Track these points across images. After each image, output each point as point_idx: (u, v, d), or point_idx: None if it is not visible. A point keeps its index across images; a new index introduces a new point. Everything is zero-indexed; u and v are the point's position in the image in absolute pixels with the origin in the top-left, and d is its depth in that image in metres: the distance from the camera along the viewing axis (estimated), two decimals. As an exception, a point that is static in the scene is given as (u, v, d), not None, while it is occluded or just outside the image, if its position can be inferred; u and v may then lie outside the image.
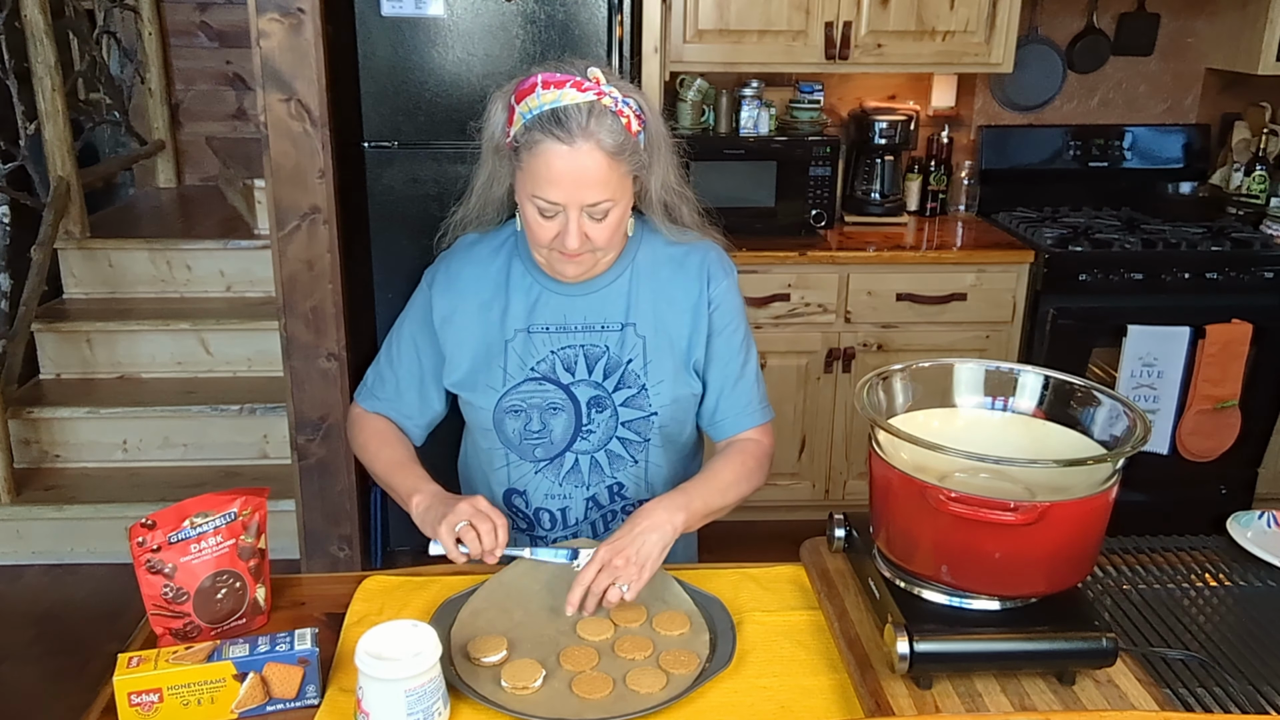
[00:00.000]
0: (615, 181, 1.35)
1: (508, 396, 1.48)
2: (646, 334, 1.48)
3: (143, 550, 1.22)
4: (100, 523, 3.13)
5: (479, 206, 1.52)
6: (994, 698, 1.13)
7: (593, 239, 1.37)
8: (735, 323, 1.53)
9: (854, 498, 3.25)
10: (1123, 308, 3.01)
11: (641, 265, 1.50)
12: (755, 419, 1.54)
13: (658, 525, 1.32)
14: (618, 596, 1.27)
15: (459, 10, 2.58)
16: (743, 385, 1.54)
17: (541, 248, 1.40)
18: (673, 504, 1.36)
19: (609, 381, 1.48)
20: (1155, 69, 3.52)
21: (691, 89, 3.26)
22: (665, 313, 1.49)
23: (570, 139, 1.30)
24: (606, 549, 1.29)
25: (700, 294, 1.49)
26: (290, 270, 2.43)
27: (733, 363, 1.53)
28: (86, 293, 3.68)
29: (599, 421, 1.49)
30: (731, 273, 1.53)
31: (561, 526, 1.56)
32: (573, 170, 1.31)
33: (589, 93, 1.32)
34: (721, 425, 1.54)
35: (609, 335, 1.48)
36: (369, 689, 1.08)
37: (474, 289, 1.50)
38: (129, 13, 4.24)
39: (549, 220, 1.36)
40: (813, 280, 3.05)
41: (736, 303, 1.53)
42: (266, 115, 2.34)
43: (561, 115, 1.30)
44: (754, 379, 1.56)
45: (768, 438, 1.55)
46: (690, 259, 1.51)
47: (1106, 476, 1.13)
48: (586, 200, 1.33)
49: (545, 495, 1.54)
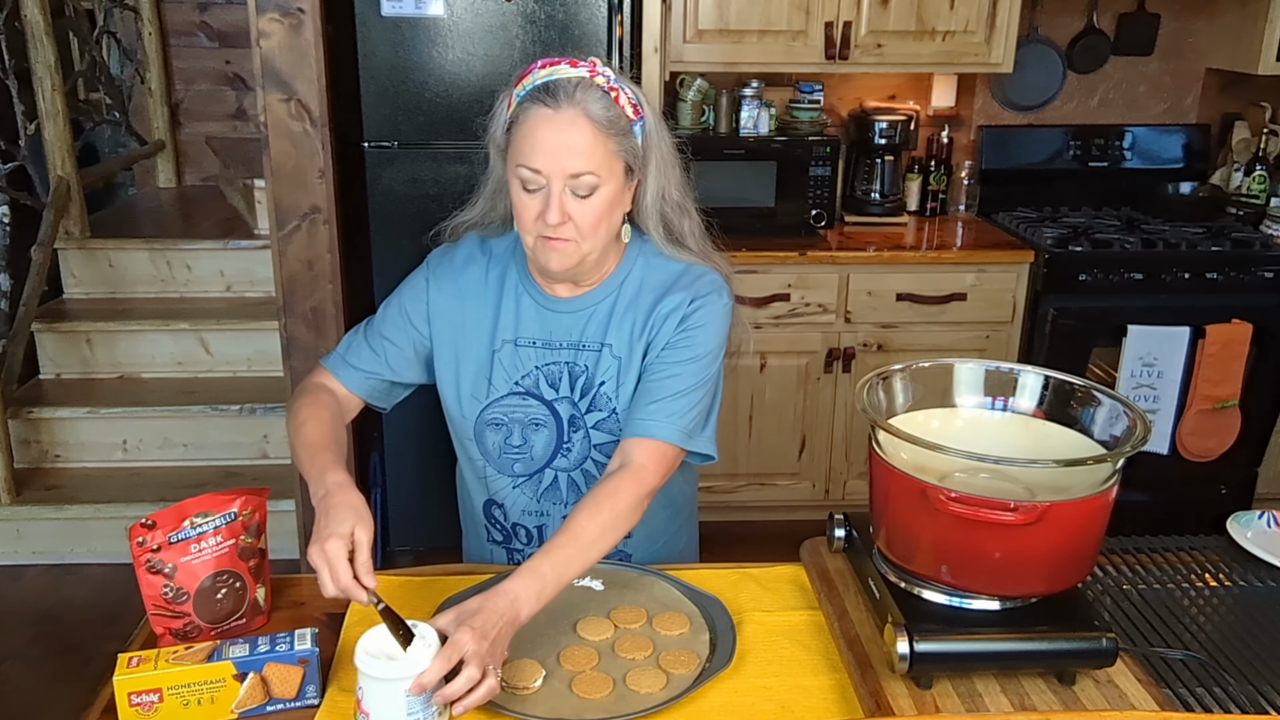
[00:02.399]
0: (601, 156, 1.31)
1: (490, 409, 1.46)
2: (621, 356, 1.44)
3: (143, 550, 1.22)
4: (100, 523, 3.13)
5: (483, 213, 1.49)
6: (994, 698, 1.13)
7: (576, 221, 1.32)
8: (701, 338, 1.40)
9: (854, 498, 3.25)
10: (1123, 308, 3.01)
11: (629, 288, 1.45)
12: (657, 431, 1.36)
13: (509, 616, 1.14)
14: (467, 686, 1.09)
15: (459, 10, 2.58)
16: (669, 394, 1.38)
17: (527, 233, 1.36)
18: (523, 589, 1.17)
19: (583, 402, 1.45)
20: (1155, 69, 3.52)
21: (691, 89, 3.26)
22: (640, 338, 1.42)
23: (556, 104, 1.30)
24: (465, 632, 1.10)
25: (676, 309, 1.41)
26: (290, 270, 2.43)
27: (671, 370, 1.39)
28: (86, 293, 3.68)
29: (575, 441, 1.46)
30: (721, 296, 1.43)
31: (538, 543, 1.52)
32: (556, 135, 1.29)
33: (582, 69, 1.33)
34: (628, 424, 1.39)
35: (589, 355, 1.44)
36: (369, 689, 1.08)
37: (472, 291, 1.48)
38: (129, 13, 4.24)
39: (533, 195, 1.33)
40: (813, 280, 3.05)
41: (713, 323, 1.41)
42: (266, 115, 2.34)
43: (552, 86, 1.31)
44: (687, 399, 1.38)
45: (656, 466, 1.35)
46: (679, 284, 1.43)
47: (1106, 476, 1.13)
48: (569, 168, 1.30)
49: (522, 511, 1.52)
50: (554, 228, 1.32)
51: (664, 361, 1.40)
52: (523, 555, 1.54)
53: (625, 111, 1.34)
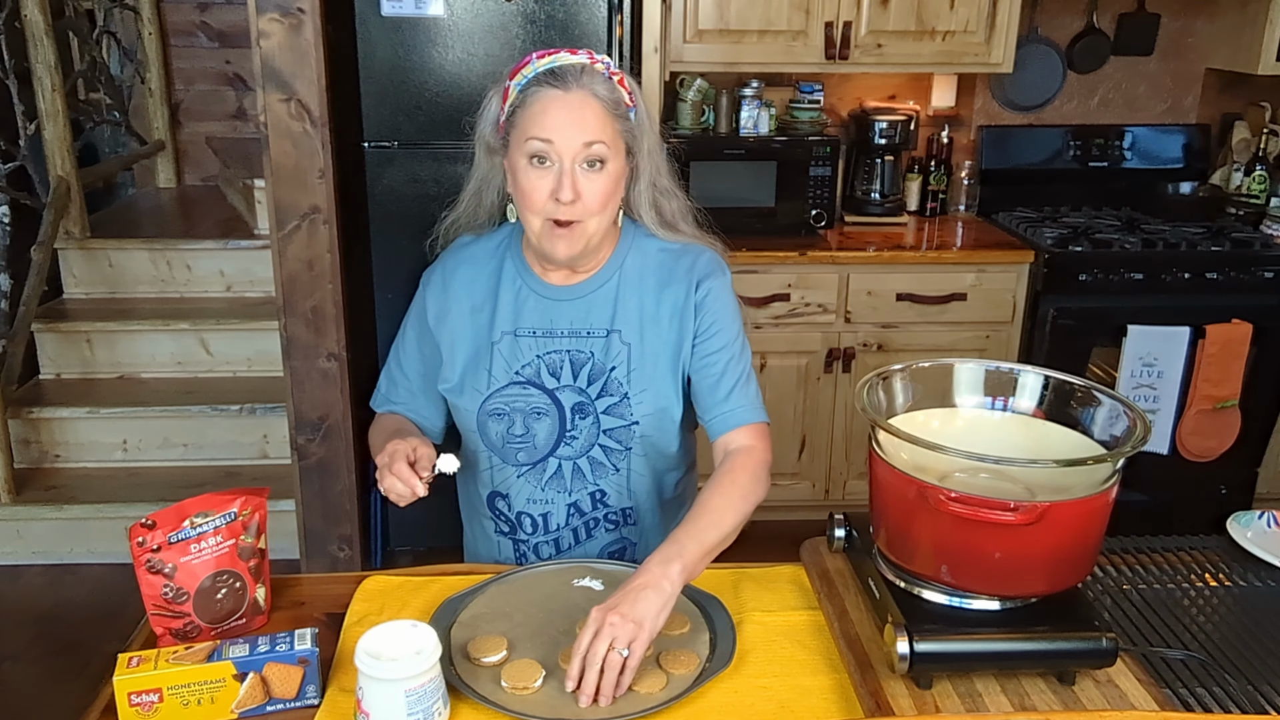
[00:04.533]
0: (610, 133, 1.36)
1: (491, 399, 1.47)
2: (631, 341, 1.46)
3: (143, 550, 1.22)
4: (100, 523, 3.13)
5: (470, 211, 1.53)
6: (994, 698, 1.13)
7: (584, 197, 1.35)
8: (724, 321, 1.47)
9: (854, 498, 3.25)
10: (1123, 308, 3.01)
11: (629, 271, 1.48)
12: (747, 417, 1.47)
13: (652, 581, 1.21)
14: (619, 662, 1.14)
15: (459, 10, 2.58)
16: (732, 383, 1.47)
17: (535, 215, 1.38)
18: (664, 556, 1.25)
19: (592, 388, 1.47)
20: (1155, 69, 3.52)
21: (691, 89, 3.26)
22: (651, 321, 1.47)
23: (565, 86, 1.35)
24: (598, 610, 1.18)
25: (687, 298, 1.46)
26: (290, 270, 2.43)
27: (719, 360, 1.47)
28: (86, 293, 3.68)
29: (582, 428, 1.47)
30: (724, 273, 1.49)
31: (543, 531, 1.54)
32: (568, 111, 1.34)
33: (581, 56, 1.38)
34: (713, 424, 1.48)
35: (594, 341, 1.47)
36: (369, 689, 1.08)
37: (467, 292, 1.50)
38: (129, 13, 4.24)
39: (543, 171, 1.35)
40: (813, 280, 3.05)
41: (727, 302, 1.48)
42: (266, 115, 2.34)
43: (559, 71, 1.36)
44: (744, 379, 1.49)
45: (763, 442, 1.47)
46: (680, 263, 1.48)
47: (1106, 476, 1.13)
48: (583, 137, 1.34)
49: (527, 500, 1.53)
50: (565, 207, 1.35)
51: (707, 355, 1.47)
52: (529, 545, 1.56)
53: (624, 97, 1.39)
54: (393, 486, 1.33)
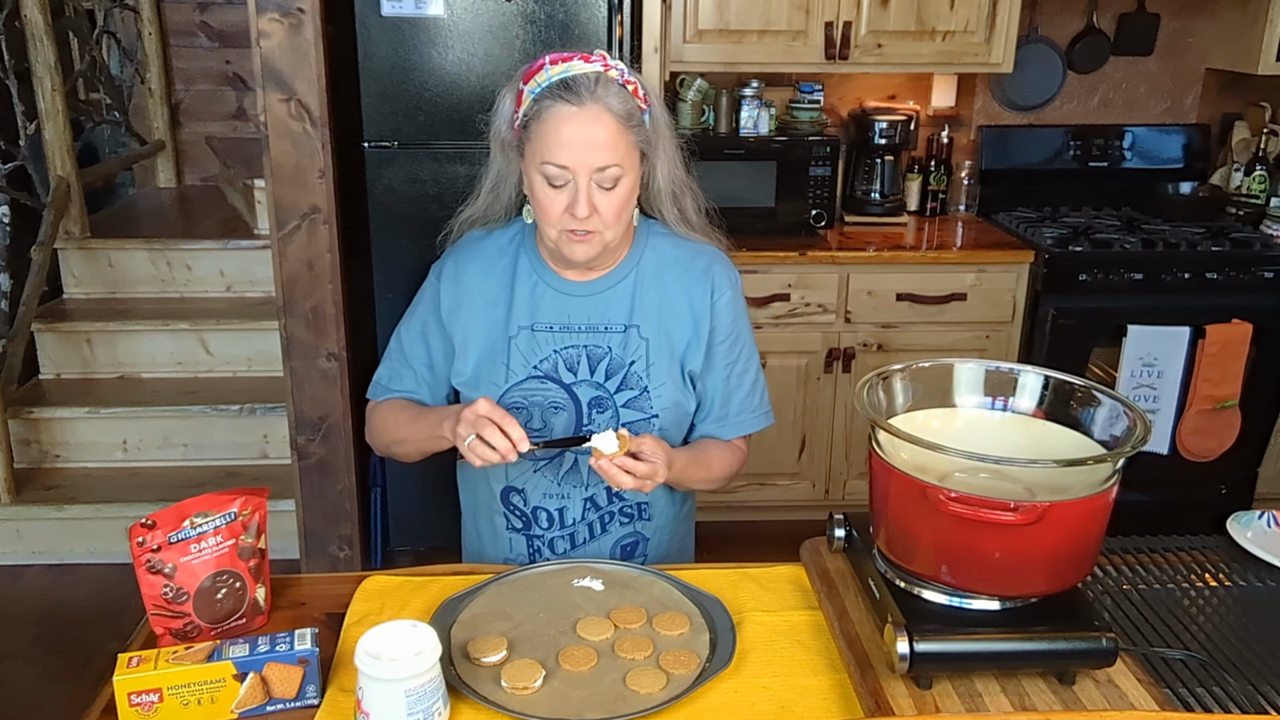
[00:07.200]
0: (624, 149, 1.37)
1: (510, 393, 1.48)
2: (650, 336, 1.49)
3: (143, 550, 1.22)
4: (100, 523, 3.13)
5: (486, 206, 1.53)
6: (994, 698, 1.13)
7: (601, 212, 1.37)
8: (736, 330, 1.55)
9: (854, 498, 3.25)
10: (1123, 308, 3.01)
11: (646, 268, 1.51)
12: (752, 425, 1.58)
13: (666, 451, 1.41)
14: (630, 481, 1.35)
15: (459, 10, 2.58)
16: (742, 391, 1.56)
17: (552, 226, 1.40)
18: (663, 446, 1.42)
19: (611, 382, 1.48)
20: (1155, 69, 3.53)
21: (691, 89, 3.26)
22: (668, 317, 1.50)
23: (579, 101, 1.34)
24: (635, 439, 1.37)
25: (704, 303, 1.51)
26: (290, 270, 2.43)
27: (732, 368, 1.55)
28: (86, 293, 3.68)
29: (600, 422, 1.49)
30: (735, 283, 1.55)
31: (559, 526, 1.55)
32: (582, 131, 1.34)
33: (596, 63, 1.37)
34: (722, 431, 1.56)
35: (612, 336, 1.49)
36: (369, 689, 1.08)
37: (481, 285, 1.51)
38: (129, 13, 4.24)
39: (558, 190, 1.37)
40: (813, 280, 3.05)
41: (739, 311, 1.55)
42: (266, 115, 2.34)
43: (570, 82, 1.35)
44: (752, 384, 1.57)
45: (745, 451, 1.60)
46: (695, 264, 1.52)
47: (1106, 476, 1.13)
48: (596, 163, 1.35)
49: (543, 494, 1.54)
50: (581, 221, 1.36)
51: (717, 360, 1.53)
52: (544, 541, 1.56)
53: (639, 103, 1.39)
54: (493, 438, 1.32)
